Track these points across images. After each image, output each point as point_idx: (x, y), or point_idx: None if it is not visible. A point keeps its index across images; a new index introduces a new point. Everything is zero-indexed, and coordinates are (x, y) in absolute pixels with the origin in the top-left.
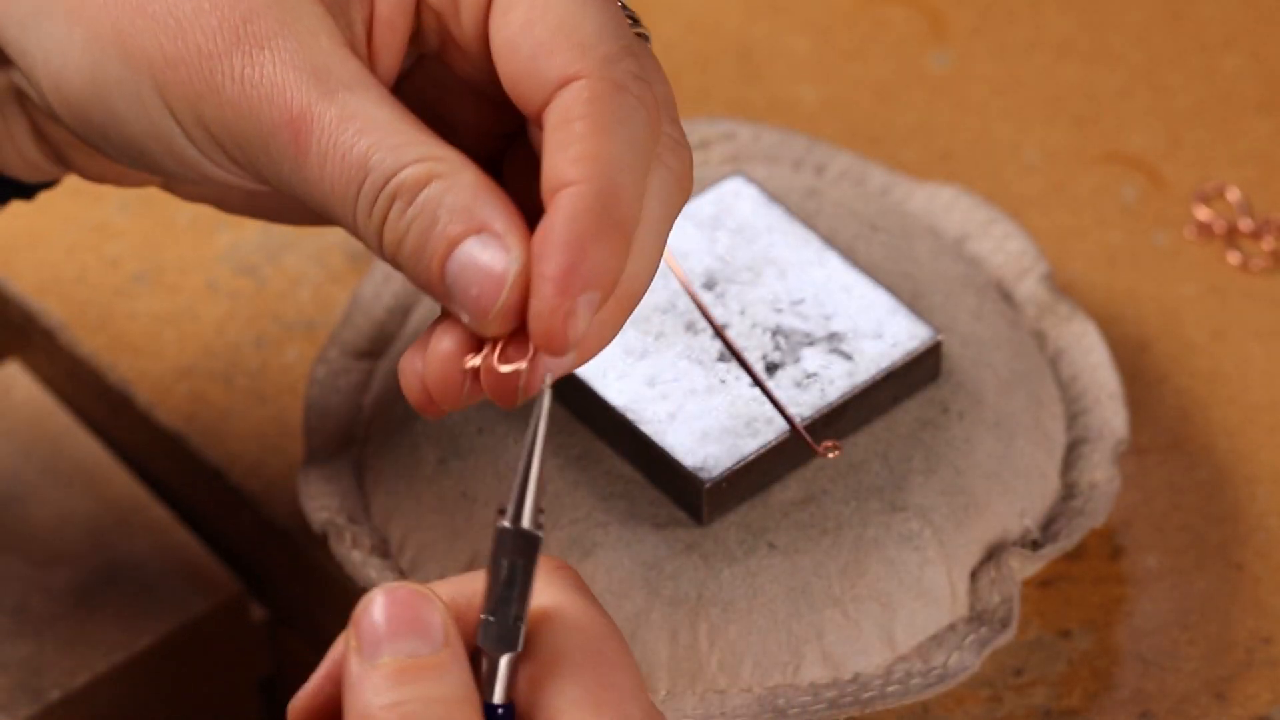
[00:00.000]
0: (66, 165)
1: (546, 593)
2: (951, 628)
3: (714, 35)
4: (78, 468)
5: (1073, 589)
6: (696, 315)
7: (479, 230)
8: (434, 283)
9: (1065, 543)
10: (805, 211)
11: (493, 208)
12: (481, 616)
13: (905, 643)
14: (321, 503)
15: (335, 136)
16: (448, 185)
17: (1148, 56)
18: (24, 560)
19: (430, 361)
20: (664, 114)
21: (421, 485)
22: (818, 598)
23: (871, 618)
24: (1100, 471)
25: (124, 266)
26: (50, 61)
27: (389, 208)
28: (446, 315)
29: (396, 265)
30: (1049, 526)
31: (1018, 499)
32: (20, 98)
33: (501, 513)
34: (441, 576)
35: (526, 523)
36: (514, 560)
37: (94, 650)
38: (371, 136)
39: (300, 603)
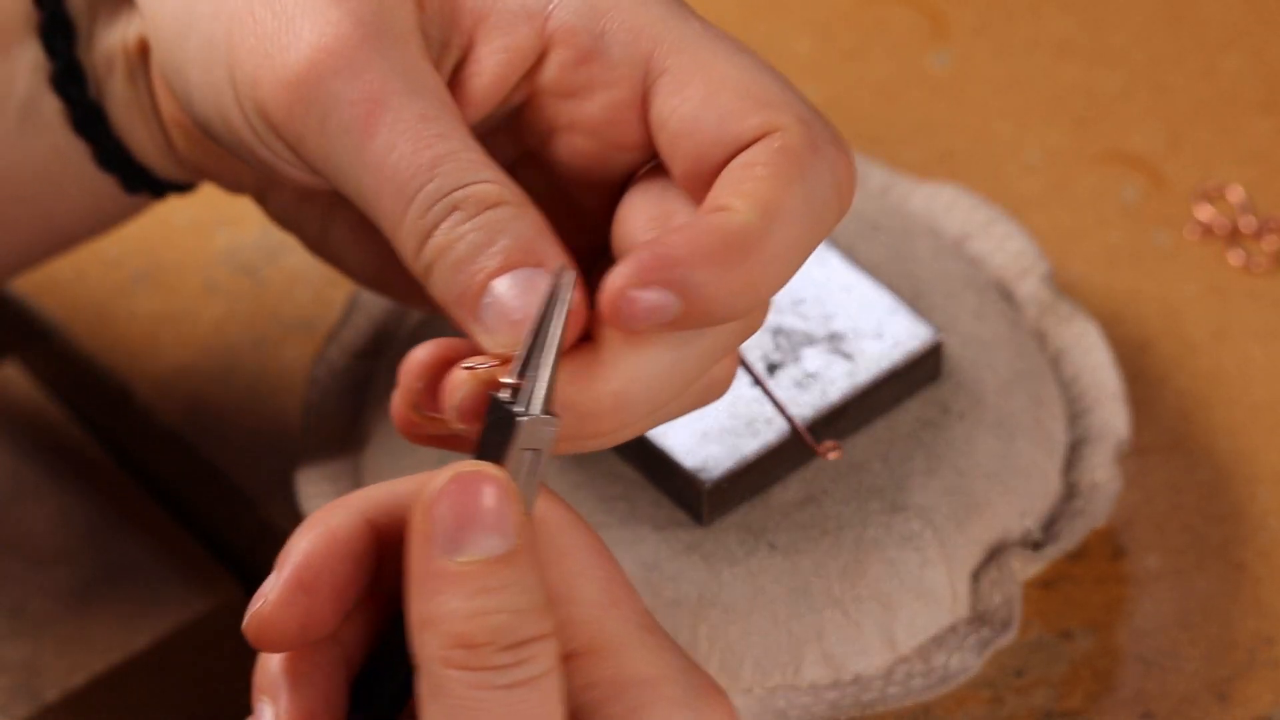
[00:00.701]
0: (178, 156)
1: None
2: (952, 628)
3: None
4: (76, 467)
5: (1074, 589)
6: None
7: (539, 264)
8: (468, 298)
9: (1066, 543)
10: None
11: (557, 251)
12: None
13: (906, 643)
14: (320, 503)
15: (413, 129)
16: (517, 214)
17: (1148, 56)
18: (22, 560)
19: (408, 363)
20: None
21: None
22: (818, 598)
23: (872, 618)
24: (1101, 472)
25: (123, 266)
26: None
27: (446, 215)
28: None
29: (428, 274)
30: (1050, 527)
31: (1019, 499)
32: (144, 57)
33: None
34: None
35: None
36: (494, 443)
37: (92, 650)
38: (450, 144)
39: None
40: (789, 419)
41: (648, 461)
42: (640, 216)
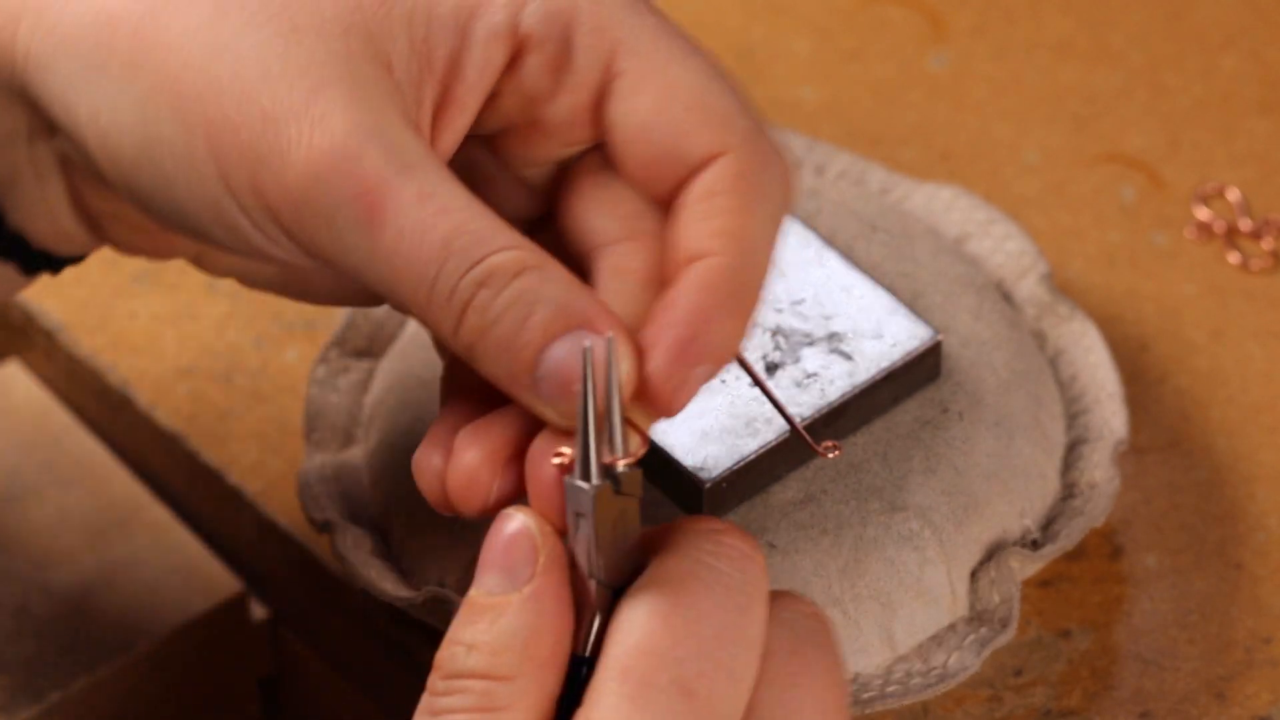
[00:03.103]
0: (102, 237)
1: (668, 545)
2: (951, 628)
3: (714, 35)
4: (78, 467)
5: (1072, 589)
6: None
7: (580, 325)
8: (520, 375)
9: (1065, 542)
10: (805, 211)
11: (591, 303)
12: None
13: (905, 643)
14: (321, 502)
15: (415, 214)
16: (543, 277)
17: (1147, 57)
18: (24, 560)
19: (456, 471)
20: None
21: None
22: (817, 597)
23: (871, 617)
24: (1100, 471)
25: (124, 266)
26: (99, 119)
27: (474, 294)
28: (465, 416)
29: (471, 353)
30: (1049, 526)
31: (1017, 499)
32: (64, 166)
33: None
34: (441, 577)
35: (581, 476)
36: (576, 513)
37: (94, 650)
38: (455, 218)
39: (300, 603)
40: (788, 419)
41: (647, 461)
42: (605, 216)
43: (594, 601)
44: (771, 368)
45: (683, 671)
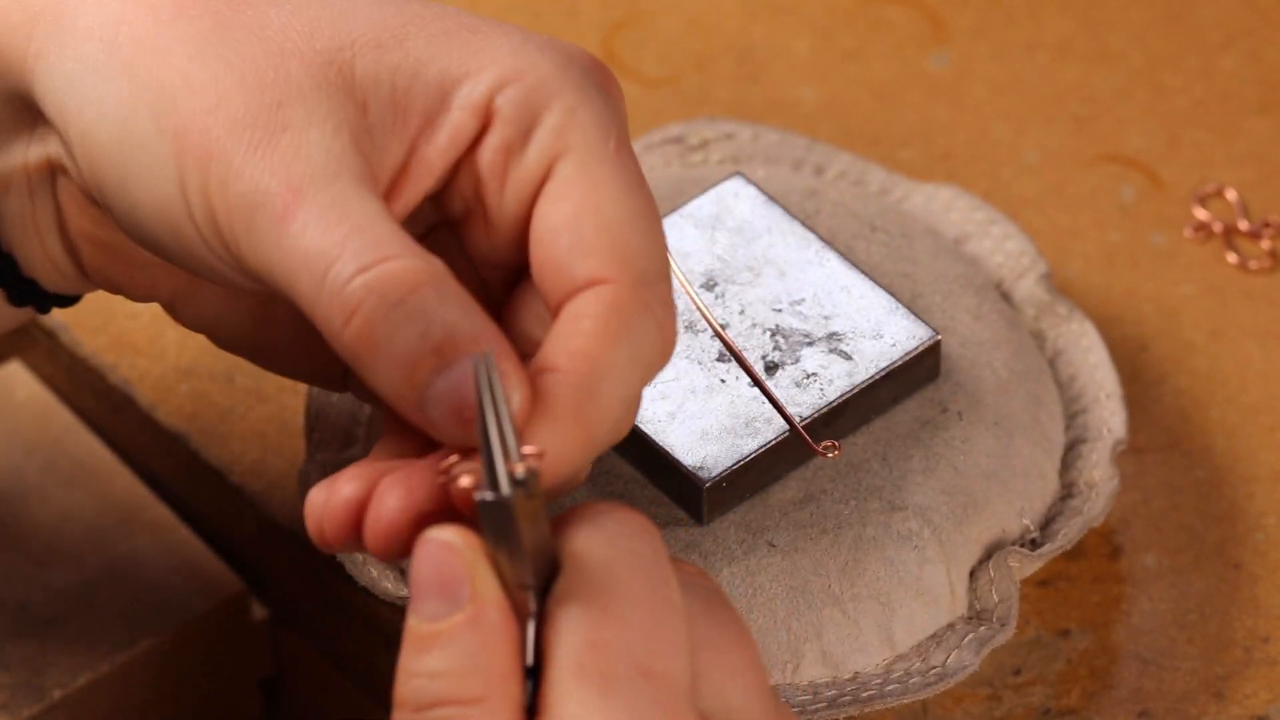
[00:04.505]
0: (79, 266)
1: (579, 537)
2: (950, 627)
3: (714, 35)
4: (79, 467)
5: (1071, 588)
6: (696, 315)
7: (470, 351)
8: (408, 395)
9: (1064, 542)
10: (804, 212)
11: (486, 328)
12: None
13: (904, 642)
14: None
15: (323, 215)
16: (439, 296)
17: (1146, 57)
18: (26, 559)
19: (379, 518)
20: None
21: None
22: (817, 597)
23: (871, 617)
24: (1099, 471)
25: None
26: (85, 113)
27: (363, 299)
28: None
29: (358, 362)
30: (1048, 526)
31: (1017, 498)
32: (53, 174)
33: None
34: None
35: (492, 490)
36: (495, 527)
37: (96, 649)
38: (358, 222)
39: (301, 602)
40: (788, 419)
41: (647, 460)
42: (534, 324)
43: (527, 609)
44: (771, 368)
45: (635, 655)
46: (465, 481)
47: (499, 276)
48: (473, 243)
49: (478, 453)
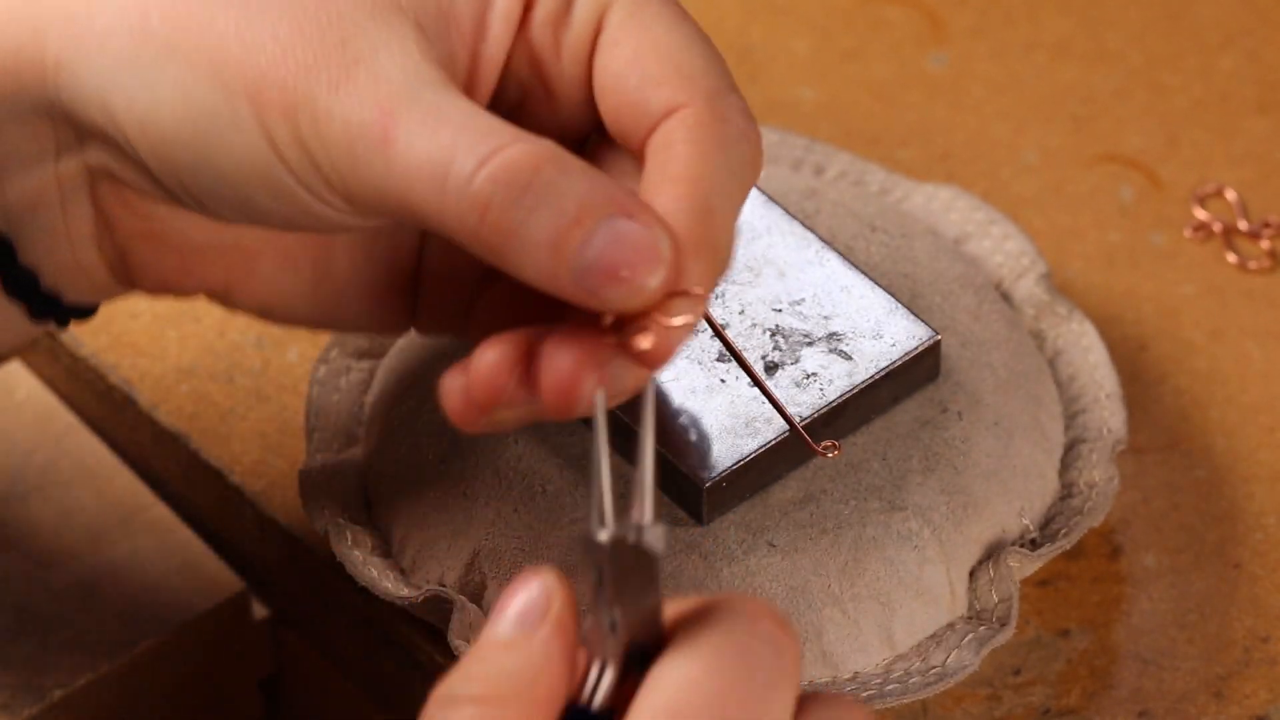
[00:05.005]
0: (127, 271)
1: (703, 619)
2: (950, 627)
3: (714, 35)
4: (80, 467)
5: (1071, 588)
6: None
7: (611, 212)
8: (560, 272)
9: (1064, 542)
10: (804, 212)
11: (617, 189)
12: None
13: (904, 642)
14: (322, 502)
15: (422, 127)
16: (561, 169)
17: (1146, 57)
18: (26, 559)
19: (478, 368)
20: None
21: (422, 485)
22: (817, 597)
23: (871, 617)
24: (1099, 471)
25: None
26: (137, 104)
27: (492, 192)
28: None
29: (499, 255)
30: (1047, 526)
31: (1016, 498)
32: (93, 183)
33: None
34: (442, 576)
35: (596, 530)
36: (598, 565)
37: (96, 649)
38: (459, 121)
39: (301, 602)
40: (787, 419)
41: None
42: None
43: (607, 652)
44: (771, 367)
45: None
46: (645, 343)
47: (569, 150)
48: (537, 121)
49: (639, 316)
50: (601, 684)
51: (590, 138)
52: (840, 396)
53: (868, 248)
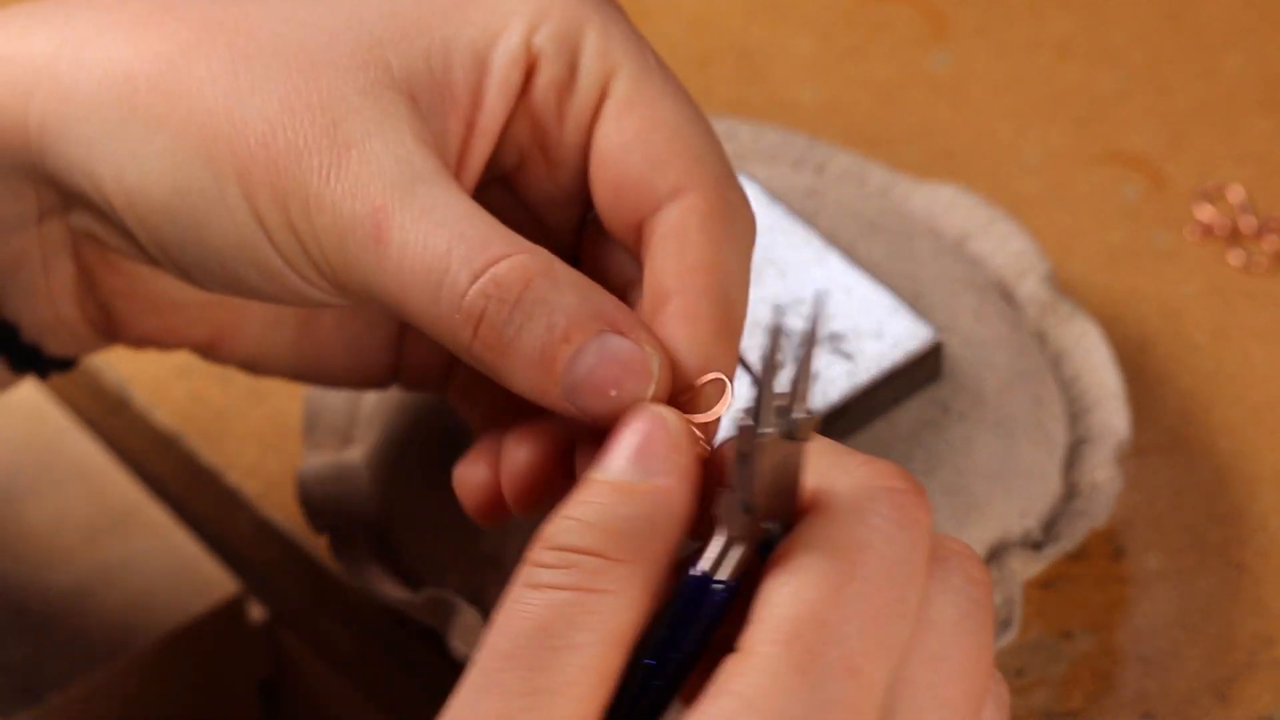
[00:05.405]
0: (109, 325)
1: (847, 505)
2: None
3: (714, 35)
4: (76, 468)
5: (1074, 589)
6: None
7: (602, 328)
8: (549, 387)
9: (1066, 543)
10: (805, 211)
11: (608, 302)
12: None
13: None
14: (320, 503)
15: (416, 228)
16: (552, 283)
17: (1148, 56)
18: (22, 561)
19: (511, 470)
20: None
21: (421, 486)
22: None
23: None
24: (1101, 472)
25: None
26: (125, 175)
27: (484, 307)
28: (503, 430)
29: (492, 368)
30: (1050, 527)
31: (1019, 499)
32: (75, 245)
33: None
34: (441, 578)
35: (755, 418)
36: (745, 453)
37: (92, 651)
38: (454, 228)
39: (299, 603)
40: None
41: None
42: (625, 257)
43: (734, 530)
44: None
45: (850, 649)
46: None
47: (565, 216)
48: (534, 188)
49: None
50: (728, 558)
51: (590, 215)
52: (842, 397)
53: (869, 247)
